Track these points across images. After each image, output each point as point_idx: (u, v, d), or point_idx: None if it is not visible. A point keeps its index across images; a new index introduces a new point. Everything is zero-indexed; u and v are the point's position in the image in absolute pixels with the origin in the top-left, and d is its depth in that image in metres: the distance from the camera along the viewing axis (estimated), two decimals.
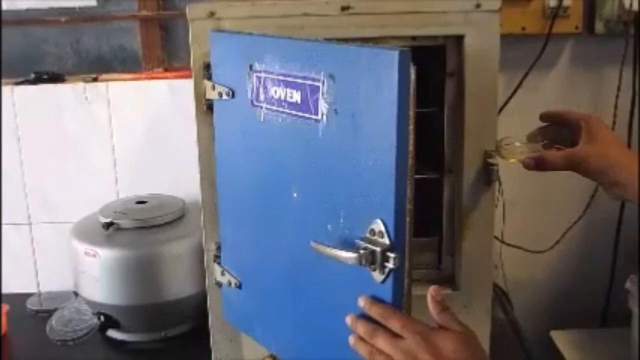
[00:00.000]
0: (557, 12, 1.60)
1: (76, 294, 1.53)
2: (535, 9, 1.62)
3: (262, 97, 1.00)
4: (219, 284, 1.18)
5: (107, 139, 1.69)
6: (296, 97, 0.94)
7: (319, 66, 0.90)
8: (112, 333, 1.50)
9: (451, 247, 1.24)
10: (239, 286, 1.14)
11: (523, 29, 1.63)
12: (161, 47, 1.72)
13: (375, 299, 0.88)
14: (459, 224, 1.20)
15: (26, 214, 1.73)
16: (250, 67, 1.01)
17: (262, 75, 1.00)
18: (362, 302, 0.88)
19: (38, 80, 1.68)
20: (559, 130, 1.13)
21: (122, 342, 1.49)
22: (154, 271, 1.42)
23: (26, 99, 1.67)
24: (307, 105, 0.93)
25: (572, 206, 1.74)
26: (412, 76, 0.82)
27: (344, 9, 1.12)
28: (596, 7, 1.64)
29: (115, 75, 1.71)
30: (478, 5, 1.12)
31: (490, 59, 1.14)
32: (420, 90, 0.87)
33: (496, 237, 1.64)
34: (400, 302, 0.87)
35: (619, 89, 1.66)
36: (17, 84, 1.68)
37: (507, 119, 1.55)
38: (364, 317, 0.89)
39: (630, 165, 1.03)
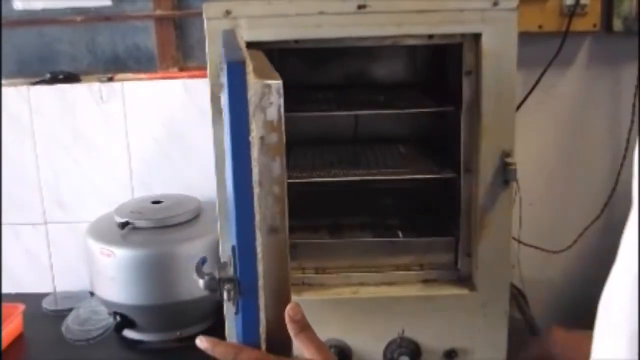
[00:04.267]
0: (575, 10, 1.59)
1: (92, 293, 1.54)
2: (553, 7, 1.61)
3: None
4: None
5: (122, 139, 1.69)
6: None
7: None
8: (127, 333, 1.49)
9: (468, 247, 1.23)
10: None
11: (540, 27, 1.61)
12: (176, 46, 1.72)
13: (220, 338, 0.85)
14: (477, 224, 1.19)
15: (42, 213, 1.74)
16: None
17: None
18: (204, 344, 0.84)
19: (53, 80, 1.69)
20: None
21: (138, 342, 1.49)
22: (170, 271, 1.42)
23: (42, 99, 1.68)
24: None
25: (589, 206, 1.72)
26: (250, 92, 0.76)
27: (360, 7, 1.12)
28: (614, 4, 1.62)
29: (130, 75, 1.71)
30: (495, 3, 1.11)
31: (508, 58, 1.13)
32: (438, 89, 0.86)
33: (513, 237, 1.63)
34: (254, 337, 0.82)
35: (637, 86, 1.64)
36: (32, 84, 1.68)
37: (524, 117, 1.54)
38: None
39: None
